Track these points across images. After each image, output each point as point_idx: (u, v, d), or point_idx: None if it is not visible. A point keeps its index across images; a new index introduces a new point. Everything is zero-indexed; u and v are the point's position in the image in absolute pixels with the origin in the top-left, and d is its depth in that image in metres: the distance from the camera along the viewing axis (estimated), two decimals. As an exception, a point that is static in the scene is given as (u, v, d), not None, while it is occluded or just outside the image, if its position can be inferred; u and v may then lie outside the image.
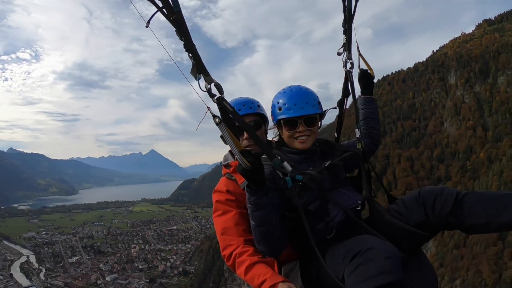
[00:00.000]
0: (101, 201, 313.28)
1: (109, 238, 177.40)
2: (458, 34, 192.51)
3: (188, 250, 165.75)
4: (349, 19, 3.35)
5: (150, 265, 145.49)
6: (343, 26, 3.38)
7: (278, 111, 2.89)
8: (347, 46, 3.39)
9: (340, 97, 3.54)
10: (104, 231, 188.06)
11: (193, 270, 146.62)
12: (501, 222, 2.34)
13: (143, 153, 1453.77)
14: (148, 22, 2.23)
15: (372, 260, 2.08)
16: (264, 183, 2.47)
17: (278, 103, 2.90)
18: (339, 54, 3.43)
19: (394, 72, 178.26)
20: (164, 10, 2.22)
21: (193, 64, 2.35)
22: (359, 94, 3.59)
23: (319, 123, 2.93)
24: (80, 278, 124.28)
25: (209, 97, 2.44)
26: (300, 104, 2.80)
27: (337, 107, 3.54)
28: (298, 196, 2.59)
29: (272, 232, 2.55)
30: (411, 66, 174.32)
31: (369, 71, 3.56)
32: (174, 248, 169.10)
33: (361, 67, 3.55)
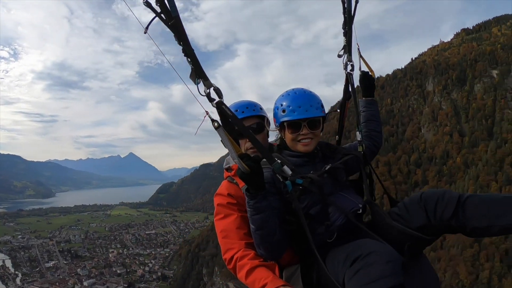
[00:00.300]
0: (79, 204, 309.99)
1: (87, 242, 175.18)
2: (436, 43, 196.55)
3: (167, 254, 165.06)
4: (349, 21, 3.35)
5: (128, 270, 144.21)
6: (343, 28, 3.39)
7: (282, 113, 2.87)
8: (347, 48, 3.39)
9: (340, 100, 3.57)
10: (81, 235, 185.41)
11: (171, 275, 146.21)
12: (503, 225, 2.32)
13: (122, 156, 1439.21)
14: (147, 28, 2.23)
15: (373, 264, 2.08)
16: (263, 187, 2.47)
17: (281, 105, 2.89)
18: (339, 56, 3.43)
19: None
20: (162, 15, 2.21)
21: (192, 69, 2.33)
22: (358, 95, 3.55)
23: (322, 126, 2.93)
24: (57, 283, 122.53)
25: (208, 101, 2.42)
26: (305, 107, 2.80)
27: (338, 110, 3.56)
28: (298, 200, 2.60)
29: (272, 236, 2.55)
30: (390, 73, 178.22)
31: (370, 73, 3.55)
32: (153, 252, 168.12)
33: (362, 69, 3.52)
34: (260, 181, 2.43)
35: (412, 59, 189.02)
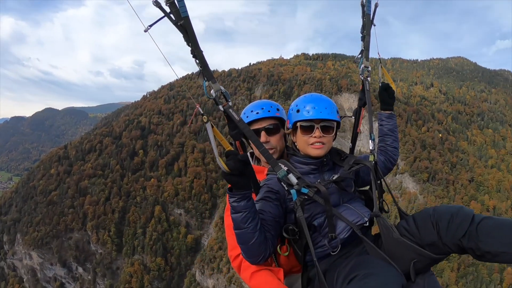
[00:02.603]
0: None
1: None
2: (277, 57, 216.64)
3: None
4: (367, 24, 3.28)
5: None
6: (361, 32, 3.32)
7: (296, 113, 2.82)
8: (365, 53, 3.31)
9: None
10: None
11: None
12: None
13: None
14: (150, 26, 2.17)
15: (371, 285, 2.05)
16: (246, 188, 2.32)
17: (296, 105, 2.86)
18: (355, 61, 3.39)
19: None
20: (171, 15, 2.20)
21: (200, 71, 2.33)
22: (367, 105, 3.34)
23: (335, 133, 2.88)
24: None
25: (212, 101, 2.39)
26: (319, 108, 2.76)
27: (353, 117, 3.43)
28: (303, 210, 2.54)
29: (249, 239, 2.39)
30: (226, 70, 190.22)
31: (390, 85, 3.38)
32: None
33: (381, 80, 3.42)
34: (242, 182, 2.29)
35: (250, 63, 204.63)
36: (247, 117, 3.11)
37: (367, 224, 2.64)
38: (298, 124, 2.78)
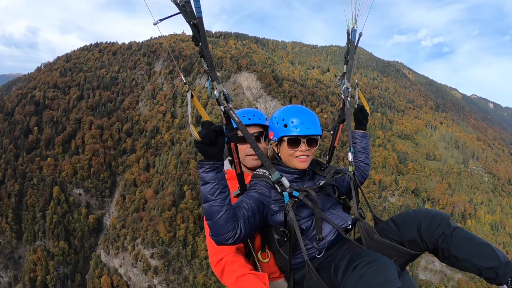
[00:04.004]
0: None
1: None
2: (179, 32, 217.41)
3: None
4: (351, 51, 3.64)
5: None
6: (345, 57, 3.68)
7: (284, 128, 2.90)
8: (347, 75, 3.64)
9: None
10: None
11: None
12: (478, 265, 2.57)
13: None
14: (160, 20, 2.28)
15: (376, 270, 2.17)
16: (216, 158, 2.35)
17: (283, 120, 2.93)
18: (337, 83, 3.71)
19: (109, 42, 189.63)
20: (186, 13, 2.33)
21: (205, 71, 2.43)
22: (346, 125, 3.68)
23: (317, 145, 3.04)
24: None
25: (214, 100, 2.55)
26: (307, 124, 2.87)
27: (332, 132, 3.71)
28: (294, 212, 2.64)
29: (216, 211, 2.38)
30: (127, 43, 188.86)
31: (365, 108, 3.74)
32: None
33: (357, 103, 3.76)
34: (212, 151, 2.31)
35: (151, 37, 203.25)
36: None
37: (350, 227, 2.89)
38: (285, 138, 2.87)
